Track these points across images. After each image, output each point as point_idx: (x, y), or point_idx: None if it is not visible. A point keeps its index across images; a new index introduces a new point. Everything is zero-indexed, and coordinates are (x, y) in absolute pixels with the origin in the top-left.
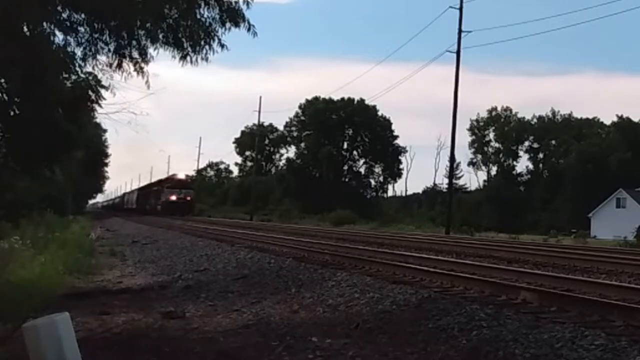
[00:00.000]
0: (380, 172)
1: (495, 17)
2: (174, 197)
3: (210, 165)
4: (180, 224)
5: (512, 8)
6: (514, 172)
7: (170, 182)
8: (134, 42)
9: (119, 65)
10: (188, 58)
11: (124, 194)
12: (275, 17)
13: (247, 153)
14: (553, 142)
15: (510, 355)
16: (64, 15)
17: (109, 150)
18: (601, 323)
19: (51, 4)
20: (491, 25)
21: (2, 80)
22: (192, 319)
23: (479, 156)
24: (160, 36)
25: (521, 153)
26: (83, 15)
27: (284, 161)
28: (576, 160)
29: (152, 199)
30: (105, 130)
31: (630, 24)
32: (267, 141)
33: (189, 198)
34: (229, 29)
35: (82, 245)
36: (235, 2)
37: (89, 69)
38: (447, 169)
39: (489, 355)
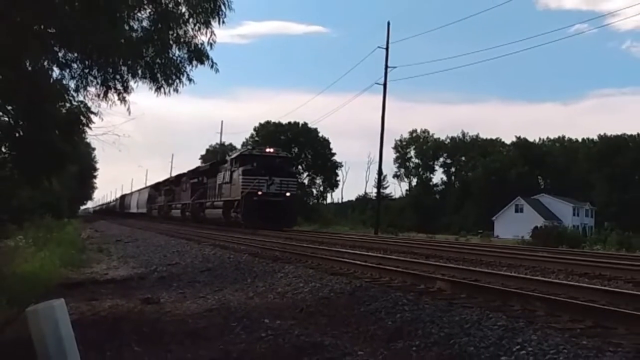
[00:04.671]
0: (321, 183)
1: (416, 55)
2: (260, 192)
3: None
4: (155, 226)
5: (429, 47)
6: (431, 183)
7: (251, 162)
8: (118, 77)
9: (105, 95)
10: (162, 89)
11: (124, 196)
12: (235, 54)
13: None
14: (463, 158)
15: (428, 334)
16: (60, 54)
17: (97, 165)
18: (503, 307)
19: (49, 45)
20: (413, 61)
21: (9, 107)
22: (166, 304)
23: (402, 170)
24: (139, 71)
25: (437, 167)
26: (76, 54)
27: None
28: (482, 173)
29: (193, 196)
30: (94, 149)
31: (527, 61)
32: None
33: (288, 194)
34: (196, 65)
35: (75, 244)
36: (201, 44)
37: (80, 98)
38: (376, 180)
39: (410, 334)
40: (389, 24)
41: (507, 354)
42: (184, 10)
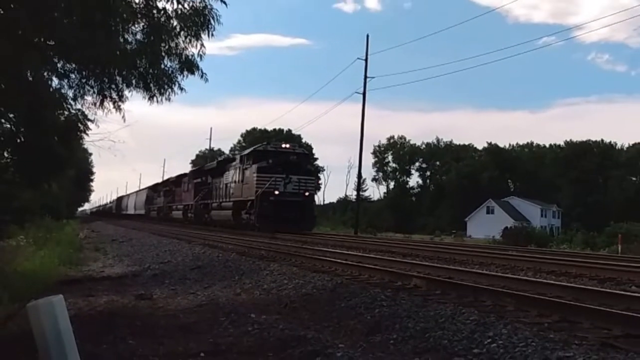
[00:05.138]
0: None
1: (394, 66)
2: (277, 192)
3: None
4: (148, 227)
5: (406, 59)
6: (407, 186)
7: (266, 158)
8: (113, 86)
9: (101, 104)
10: (155, 98)
11: (120, 198)
12: (223, 65)
13: None
14: (437, 162)
15: (404, 327)
16: (59, 65)
17: (94, 169)
18: (475, 303)
19: (49, 56)
20: (390, 72)
21: (11, 115)
22: (158, 300)
23: (380, 174)
24: (133, 81)
25: (413, 171)
26: (74, 65)
27: None
28: (455, 177)
29: (196, 197)
30: (90, 154)
31: (498, 71)
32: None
33: (307, 194)
34: (187, 75)
35: (73, 243)
36: (192, 55)
37: (78, 106)
38: (356, 183)
39: (388, 328)
40: (368, 36)
41: (479, 346)
42: (175, 23)
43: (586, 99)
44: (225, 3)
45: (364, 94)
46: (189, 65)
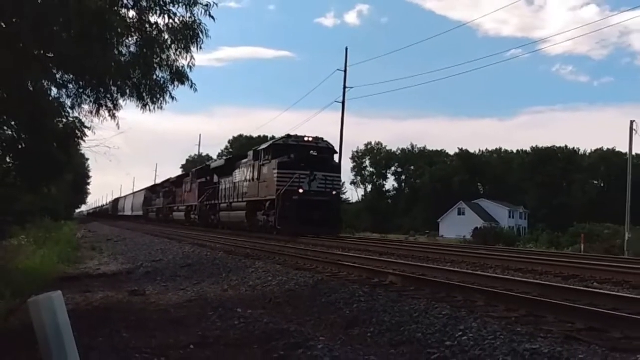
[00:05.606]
0: None
1: (371, 77)
2: (301, 190)
3: None
4: (141, 227)
5: (383, 70)
6: (384, 189)
7: (287, 153)
8: (109, 96)
9: (98, 112)
10: (148, 107)
11: (117, 199)
12: (212, 76)
13: None
14: (412, 167)
15: (381, 321)
16: (58, 76)
17: (90, 173)
18: (447, 299)
19: (48, 67)
20: (368, 82)
21: (13, 123)
22: (151, 296)
23: (359, 177)
24: (128, 91)
25: (389, 175)
26: (72, 76)
27: None
28: (429, 181)
29: (201, 197)
30: (87, 159)
31: (469, 82)
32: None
33: (335, 193)
34: (177, 85)
35: (71, 242)
36: (182, 66)
37: (75, 114)
38: None
39: (366, 322)
40: (347, 49)
41: (450, 339)
42: (166, 37)
43: (551, 107)
44: (213, 18)
45: (343, 103)
46: (180, 76)
